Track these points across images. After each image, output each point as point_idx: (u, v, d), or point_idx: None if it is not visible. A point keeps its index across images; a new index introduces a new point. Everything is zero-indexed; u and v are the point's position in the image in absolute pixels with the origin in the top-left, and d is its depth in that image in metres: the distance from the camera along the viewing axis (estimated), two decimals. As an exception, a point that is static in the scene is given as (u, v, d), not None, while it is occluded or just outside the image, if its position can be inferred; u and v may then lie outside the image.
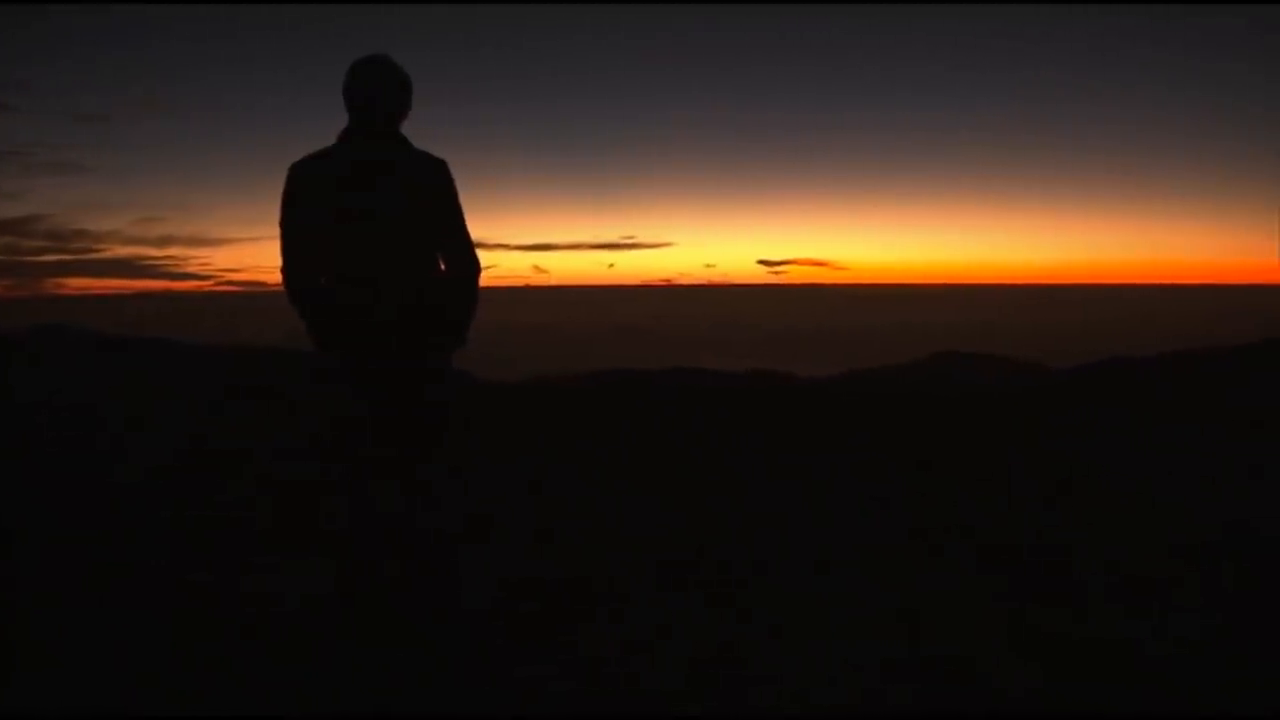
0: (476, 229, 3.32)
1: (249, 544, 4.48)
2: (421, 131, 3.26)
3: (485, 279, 3.33)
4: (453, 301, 3.22)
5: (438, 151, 3.21)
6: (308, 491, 5.26)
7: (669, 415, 10.20)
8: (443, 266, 3.23)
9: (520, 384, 13.00)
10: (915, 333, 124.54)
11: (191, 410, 9.60)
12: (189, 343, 18.98)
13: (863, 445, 8.54)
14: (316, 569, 3.62)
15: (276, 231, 3.15)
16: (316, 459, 5.99)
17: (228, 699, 2.75)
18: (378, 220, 3.09)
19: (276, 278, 3.19)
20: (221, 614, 3.43)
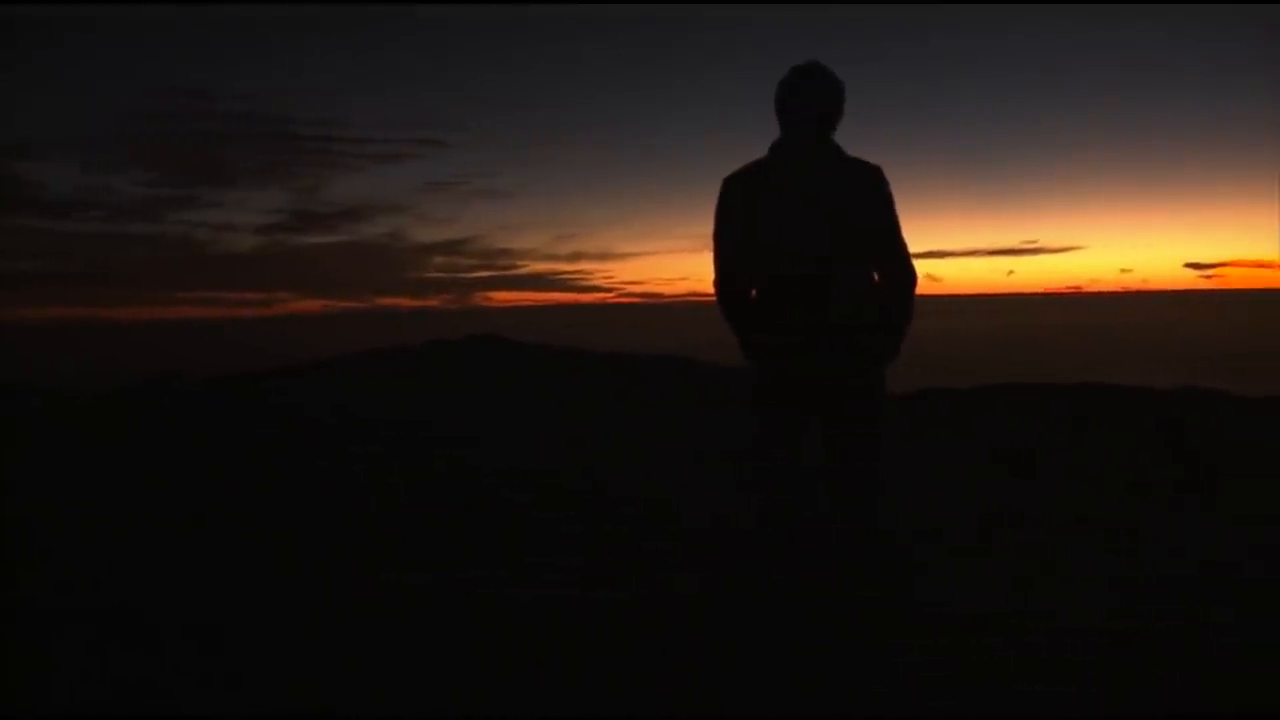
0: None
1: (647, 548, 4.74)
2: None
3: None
4: (889, 312, 3.10)
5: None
6: (704, 499, 5.47)
7: (1076, 432, 9.41)
8: (876, 276, 3.14)
9: (912, 395, 12.62)
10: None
11: (580, 417, 10.40)
12: (598, 352, 20.40)
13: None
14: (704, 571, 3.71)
15: (671, 245, 3.22)
16: (725, 468, 6.24)
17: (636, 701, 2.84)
18: (813, 230, 3.02)
19: (672, 289, 3.28)
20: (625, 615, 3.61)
